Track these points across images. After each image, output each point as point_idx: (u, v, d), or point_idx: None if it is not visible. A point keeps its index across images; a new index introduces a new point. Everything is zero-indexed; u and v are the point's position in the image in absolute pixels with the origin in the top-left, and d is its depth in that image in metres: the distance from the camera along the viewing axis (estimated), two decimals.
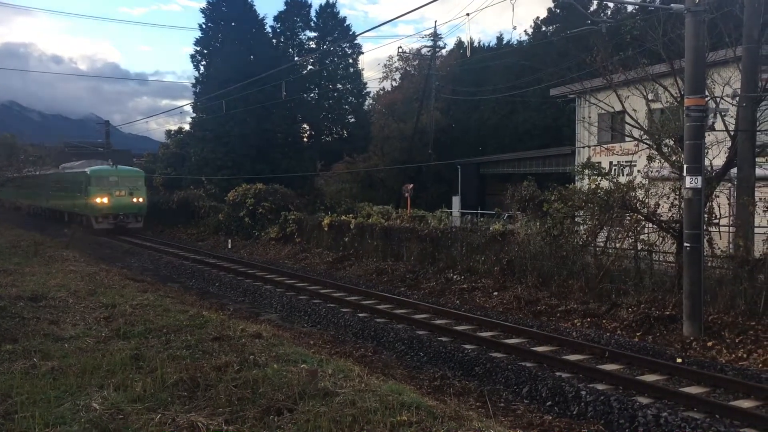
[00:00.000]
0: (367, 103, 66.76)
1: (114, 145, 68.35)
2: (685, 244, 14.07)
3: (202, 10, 60.77)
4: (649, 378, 11.39)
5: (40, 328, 12.69)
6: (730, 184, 17.56)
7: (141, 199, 42.19)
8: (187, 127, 65.29)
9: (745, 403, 10.00)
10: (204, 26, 60.58)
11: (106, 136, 65.00)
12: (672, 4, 15.71)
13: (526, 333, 14.58)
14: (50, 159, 55.51)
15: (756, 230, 15.97)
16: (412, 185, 35.59)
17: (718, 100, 16.08)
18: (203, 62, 60.95)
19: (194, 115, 61.86)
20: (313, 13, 62.91)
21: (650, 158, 18.34)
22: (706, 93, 15.00)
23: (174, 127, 71.80)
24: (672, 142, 17.46)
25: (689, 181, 14.01)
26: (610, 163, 28.83)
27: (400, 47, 68.32)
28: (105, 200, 41.00)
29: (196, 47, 61.03)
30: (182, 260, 27.88)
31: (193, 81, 62.93)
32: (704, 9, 14.35)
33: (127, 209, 41.72)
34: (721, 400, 10.26)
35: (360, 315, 16.86)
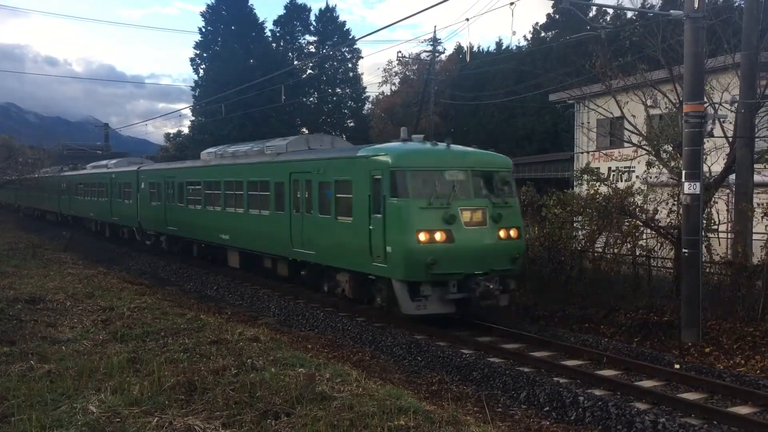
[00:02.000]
0: (366, 107, 66.88)
1: (113, 148, 68.32)
2: (684, 250, 14.07)
3: (202, 14, 60.98)
4: (647, 384, 11.38)
5: (37, 331, 12.67)
6: (728, 191, 17.57)
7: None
8: (185, 130, 65.41)
9: (743, 410, 9.99)
10: (204, 30, 60.73)
11: (105, 138, 65.02)
12: (671, 11, 15.75)
13: (525, 338, 14.55)
14: (49, 161, 55.14)
15: (754, 236, 15.98)
16: None
17: (716, 106, 16.09)
18: (203, 66, 61.10)
19: (193, 118, 61.93)
20: (312, 18, 63.08)
21: (649, 164, 18.35)
22: (705, 99, 15.02)
23: (173, 130, 71.74)
24: (671, 148, 17.49)
25: (688, 187, 14.01)
26: (609, 168, 28.85)
27: (400, 52, 68.44)
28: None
29: (195, 50, 61.21)
30: (180, 263, 27.85)
31: (192, 84, 63.06)
32: (703, 15, 14.38)
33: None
34: (719, 406, 10.25)
35: (358, 319, 16.85)
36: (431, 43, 48.54)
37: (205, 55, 60.83)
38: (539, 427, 10.01)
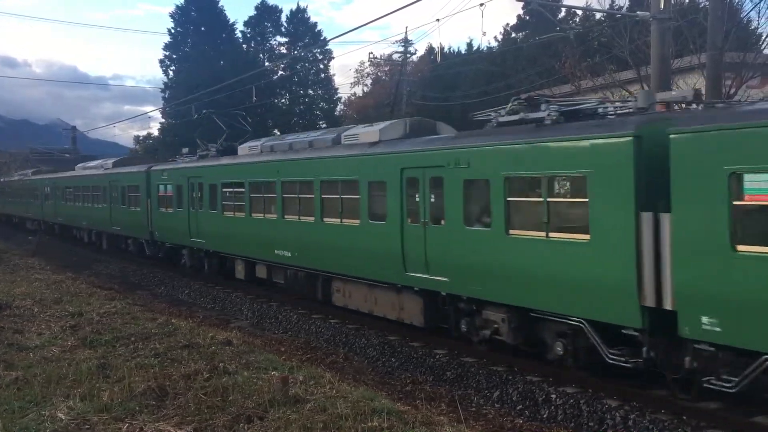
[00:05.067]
0: (338, 108, 66.83)
1: (81, 151, 67.42)
2: None
3: (172, 15, 60.47)
4: (616, 381, 11.48)
5: (3, 338, 12.45)
6: None
7: None
8: (154, 132, 64.81)
9: (712, 404, 10.14)
10: (173, 31, 60.19)
11: (73, 141, 64.17)
12: (638, 12, 15.98)
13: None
14: (15, 165, 54.20)
15: None
16: None
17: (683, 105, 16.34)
18: (172, 67, 60.56)
19: (163, 120, 61.36)
20: (283, 19, 62.87)
21: None
22: None
23: (141, 133, 71.01)
24: None
25: None
26: None
27: (371, 53, 68.52)
28: None
29: (165, 52, 60.64)
30: (152, 268, 27.54)
31: (161, 86, 62.52)
32: (669, 17, 14.63)
33: None
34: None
35: (332, 321, 16.80)
36: (402, 44, 48.70)
37: (174, 56, 60.33)
38: (512, 426, 10.07)
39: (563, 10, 43.69)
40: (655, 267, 9.19)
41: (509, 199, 11.27)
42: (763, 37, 25.78)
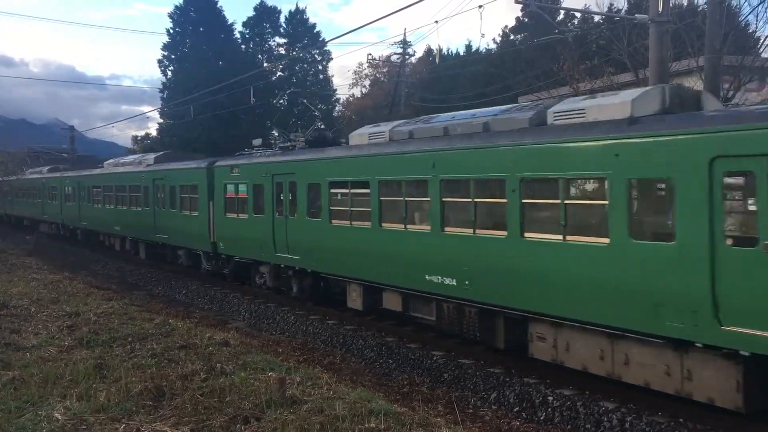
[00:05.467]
0: (336, 109, 66.86)
1: (79, 151, 67.40)
2: None
3: (170, 15, 60.46)
4: (613, 383, 11.49)
5: (0, 337, 12.43)
6: None
7: None
8: (152, 132, 64.82)
9: None
10: (172, 31, 60.18)
11: (71, 141, 64.11)
12: (636, 15, 16.00)
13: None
14: (12, 165, 53.92)
15: None
16: None
17: None
18: (171, 67, 60.55)
19: (161, 120, 61.36)
20: (282, 20, 62.90)
21: None
22: None
23: (140, 133, 70.97)
24: None
25: None
26: None
27: (370, 54, 68.51)
28: None
29: (163, 52, 60.63)
30: (149, 268, 27.51)
31: (159, 86, 62.51)
32: (668, 20, 14.64)
33: None
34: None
35: (329, 322, 16.79)
36: (401, 45, 48.74)
37: (173, 56, 60.31)
38: (509, 428, 10.08)
39: (562, 12, 43.78)
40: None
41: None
42: (761, 41, 25.83)
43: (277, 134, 22.05)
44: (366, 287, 15.55)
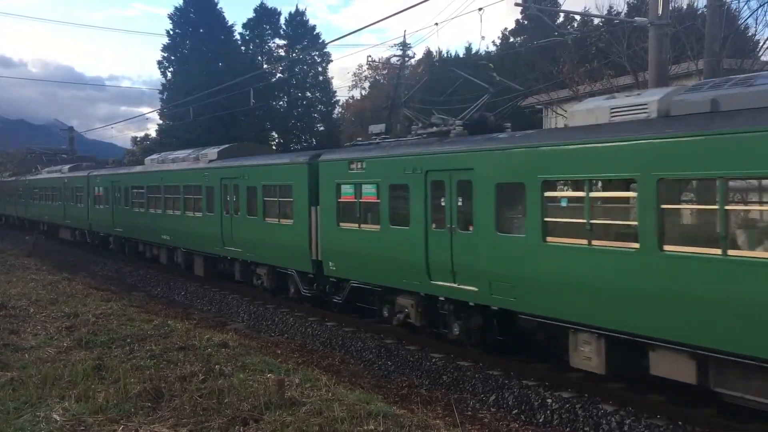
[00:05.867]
0: (336, 111, 66.87)
1: (78, 151, 67.42)
2: None
3: (170, 16, 60.45)
4: (613, 385, 11.49)
5: None
6: None
7: None
8: (151, 133, 64.83)
9: (708, 410, 10.14)
10: (171, 32, 60.18)
11: (70, 142, 64.09)
12: (636, 18, 16.03)
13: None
14: (12, 165, 53.74)
15: None
16: None
17: None
18: (170, 69, 60.55)
19: (161, 122, 61.36)
20: (282, 21, 62.90)
21: None
22: None
23: (137, 134, 71.00)
24: None
25: None
26: None
27: (369, 56, 68.53)
28: None
29: (163, 53, 60.62)
30: (148, 269, 27.49)
31: (159, 87, 62.51)
32: (667, 23, 14.66)
33: None
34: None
35: (328, 324, 16.77)
36: (401, 47, 48.77)
37: (173, 57, 60.29)
38: (508, 430, 10.08)
39: (561, 15, 43.80)
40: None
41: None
42: (761, 44, 25.89)
43: (412, 118, 17.35)
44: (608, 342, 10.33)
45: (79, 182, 34.86)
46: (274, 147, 60.08)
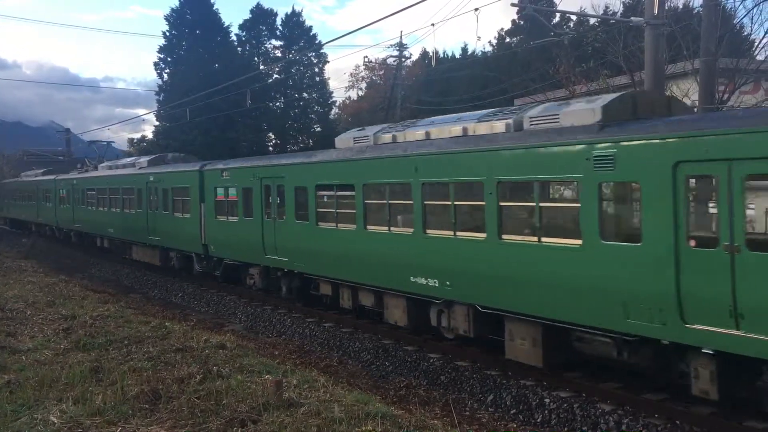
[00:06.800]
0: (333, 112, 66.88)
1: (75, 153, 67.31)
2: None
3: (166, 17, 60.42)
4: (611, 385, 11.50)
5: None
6: None
7: None
8: (147, 134, 64.79)
9: (705, 410, 10.16)
10: (168, 33, 60.14)
11: (67, 144, 63.97)
12: (632, 18, 16.04)
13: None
14: (8, 167, 53.78)
15: None
16: None
17: None
18: (167, 70, 60.51)
19: (157, 123, 61.31)
20: (279, 22, 62.89)
21: None
22: None
23: (133, 135, 70.92)
24: None
25: None
26: None
27: (366, 56, 68.53)
28: None
29: (159, 55, 60.59)
30: (145, 271, 27.45)
31: (156, 89, 62.40)
32: (663, 22, 14.68)
33: None
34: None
35: (326, 325, 16.77)
36: (397, 48, 48.77)
37: (169, 59, 60.24)
38: (506, 430, 10.08)
39: (558, 15, 43.89)
40: None
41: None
42: (756, 43, 25.93)
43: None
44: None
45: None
46: (270, 148, 60.08)
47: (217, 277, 22.17)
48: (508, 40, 54.84)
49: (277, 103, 61.64)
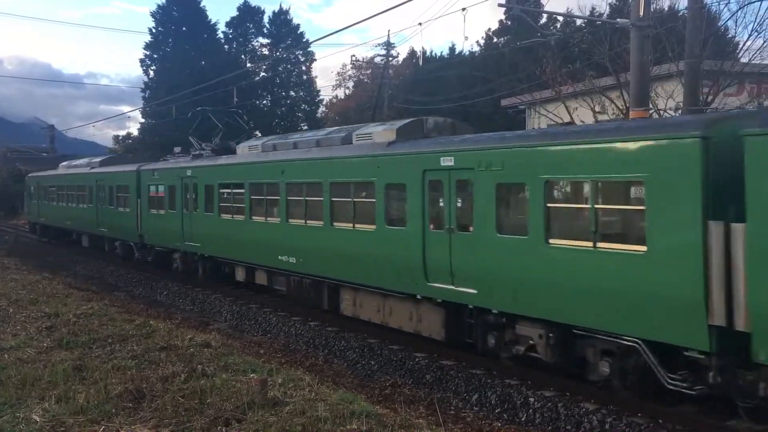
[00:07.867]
0: (320, 110, 66.75)
1: (59, 150, 66.75)
2: None
3: (152, 14, 60.08)
4: (594, 385, 11.57)
5: None
6: None
7: None
8: (132, 131, 64.36)
9: (688, 408, 10.24)
10: (154, 30, 59.77)
11: (51, 140, 63.48)
12: (618, 19, 16.14)
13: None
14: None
15: None
16: None
17: (661, 112, 16.56)
18: (153, 67, 60.15)
19: (143, 120, 60.94)
20: (266, 20, 62.68)
21: None
22: (650, 106, 15.43)
23: (118, 132, 70.49)
24: None
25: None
26: None
27: (353, 55, 68.46)
28: None
29: (145, 51, 60.22)
30: (129, 269, 27.29)
31: (142, 86, 62.01)
32: (649, 24, 14.78)
33: None
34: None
35: (311, 323, 16.75)
36: (385, 47, 48.76)
37: (155, 56, 59.90)
38: (491, 429, 10.12)
39: (545, 16, 44.05)
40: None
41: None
42: (740, 46, 26.15)
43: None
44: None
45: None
46: None
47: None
48: (495, 40, 54.96)
49: (264, 101, 61.46)
